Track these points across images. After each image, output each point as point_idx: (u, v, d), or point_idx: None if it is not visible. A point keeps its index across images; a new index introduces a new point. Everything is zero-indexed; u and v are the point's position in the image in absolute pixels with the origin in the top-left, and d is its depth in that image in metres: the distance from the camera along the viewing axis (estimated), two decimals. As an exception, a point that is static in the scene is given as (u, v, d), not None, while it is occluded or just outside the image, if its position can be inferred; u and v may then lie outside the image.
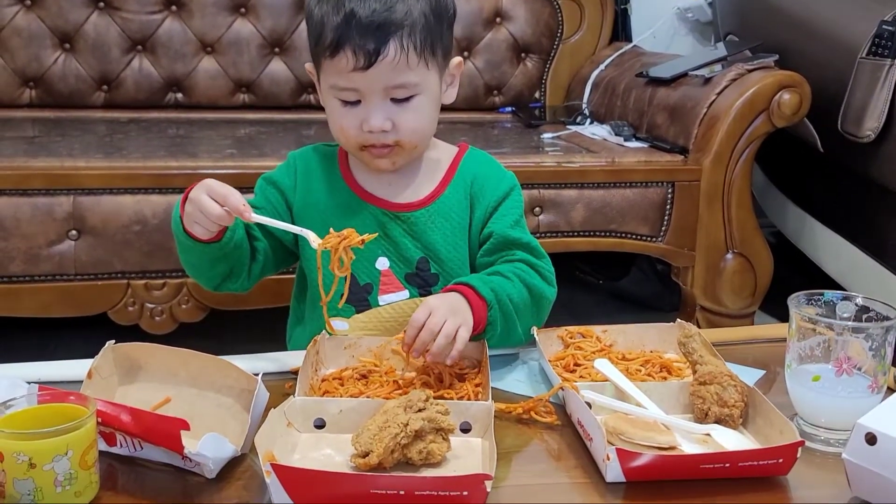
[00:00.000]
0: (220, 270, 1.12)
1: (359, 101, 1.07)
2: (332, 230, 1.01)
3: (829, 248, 2.09)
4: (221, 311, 1.83)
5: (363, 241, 1.00)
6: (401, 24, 1.04)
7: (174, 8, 2.36)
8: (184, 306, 1.79)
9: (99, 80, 2.35)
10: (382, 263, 1.13)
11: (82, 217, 1.71)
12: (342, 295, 1.06)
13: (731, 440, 0.88)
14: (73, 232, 1.71)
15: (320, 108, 2.38)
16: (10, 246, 1.69)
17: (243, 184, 1.41)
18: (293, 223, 1.16)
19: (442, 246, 1.14)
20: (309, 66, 1.16)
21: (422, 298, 1.12)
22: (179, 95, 2.41)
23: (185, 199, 1.03)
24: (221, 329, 1.84)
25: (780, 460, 0.82)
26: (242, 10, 2.39)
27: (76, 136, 2.01)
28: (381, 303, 1.13)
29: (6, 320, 1.75)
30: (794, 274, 2.16)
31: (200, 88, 2.40)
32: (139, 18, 2.33)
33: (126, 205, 1.72)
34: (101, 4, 2.32)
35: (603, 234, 1.94)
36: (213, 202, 0.99)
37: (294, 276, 1.24)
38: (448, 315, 0.99)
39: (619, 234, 1.95)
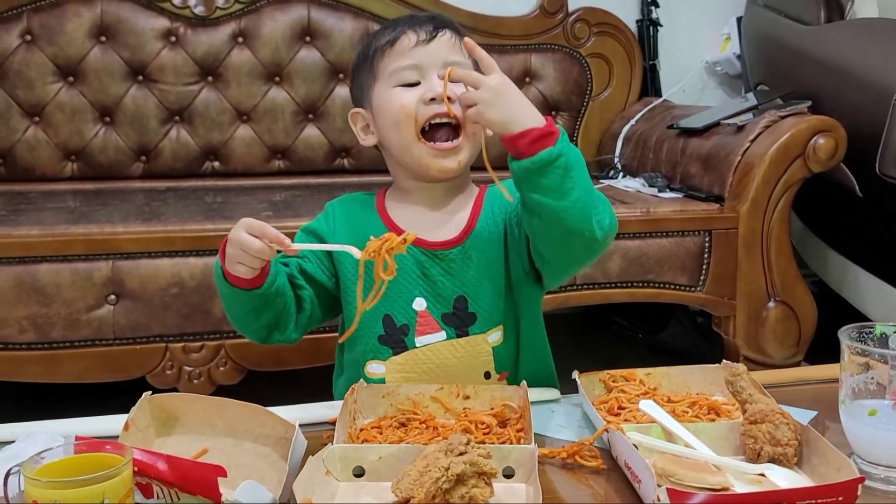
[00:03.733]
0: (266, 320, 1.11)
1: (418, 83, 1.11)
2: (371, 237, 1.00)
3: (873, 294, 2.04)
4: (259, 373, 1.82)
5: (405, 241, 0.99)
6: (449, 23, 1.16)
7: (210, 78, 2.42)
8: (221, 368, 1.79)
9: (138, 151, 2.40)
10: (420, 304, 1.13)
11: (121, 281, 1.72)
12: (376, 296, 1.03)
13: (786, 480, 0.84)
14: (112, 296, 1.72)
15: (354, 172, 2.46)
16: (52, 312, 1.70)
17: (279, 243, 1.42)
18: (334, 270, 1.16)
19: (479, 282, 1.13)
20: (354, 111, 1.19)
21: (458, 340, 1.11)
22: (216, 164, 2.45)
23: (224, 246, 1.04)
24: (259, 391, 1.82)
25: (840, 498, 0.78)
26: (277, 78, 2.45)
27: (115, 205, 2.04)
28: (417, 344, 1.12)
29: (46, 386, 1.76)
30: (839, 323, 2.10)
31: (237, 156, 2.45)
32: (176, 90, 2.39)
33: (164, 268, 1.74)
34: (140, 78, 2.38)
35: (640, 284, 1.92)
36: (253, 237, 1.00)
37: (335, 334, 1.23)
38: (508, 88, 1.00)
39: (656, 285, 1.93)
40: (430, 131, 1.10)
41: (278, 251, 1.02)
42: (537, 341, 1.19)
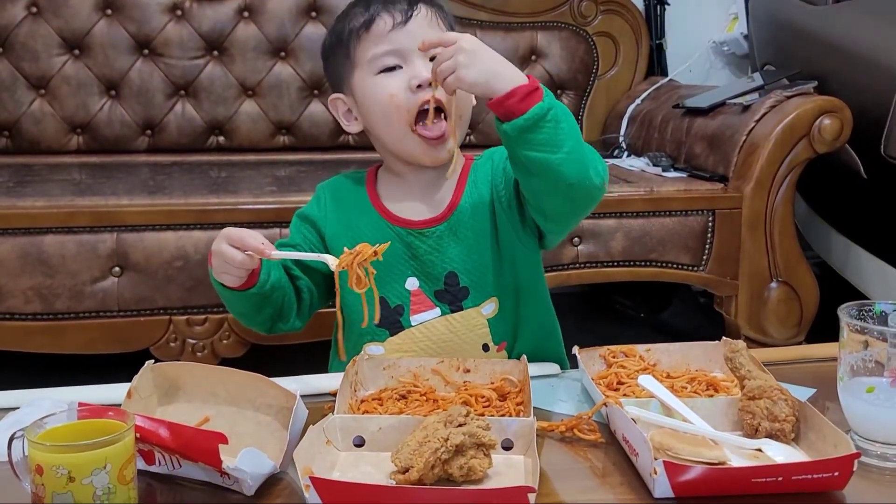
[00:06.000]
0: (268, 314, 1.13)
1: (400, 67, 1.09)
2: (345, 249, 1.01)
3: (876, 276, 2.04)
4: (262, 347, 1.83)
5: (376, 252, 0.99)
6: None
7: (216, 53, 2.41)
8: (225, 342, 1.80)
9: (143, 125, 2.40)
10: (412, 284, 1.13)
11: (125, 254, 1.73)
12: (372, 312, 1.05)
13: (783, 455, 0.85)
14: (117, 268, 1.73)
15: (358, 148, 2.45)
16: (56, 283, 1.71)
17: (283, 218, 1.44)
18: (327, 251, 1.17)
19: (468, 256, 1.14)
20: (334, 96, 1.18)
21: (452, 315, 1.12)
22: (221, 138, 2.45)
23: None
24: (262, 364, 1.82)
25: (836, 473, 0.79)
26: (282, 53, 2.44)
27: (121, 179, 2.05)
28: (413, 322, 1.13)
29: (51, 357, 1.77)
30: (841, 304, 2.10)
31: (242, 131, 2.45)
32: (182, 64, 2.39)
33: (168, 241, 1.74)
34: (146, 51, 2.38)
35: (643, 263, 1.92)
36: (234, 249, 1.01)
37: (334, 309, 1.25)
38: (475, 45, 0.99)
39: (659, 264, 1.93)
40: (421, 122, 1.10)
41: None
42: (539, 310, 1.19)
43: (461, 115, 1.11)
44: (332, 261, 1.01)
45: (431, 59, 1.08)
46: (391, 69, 1.09)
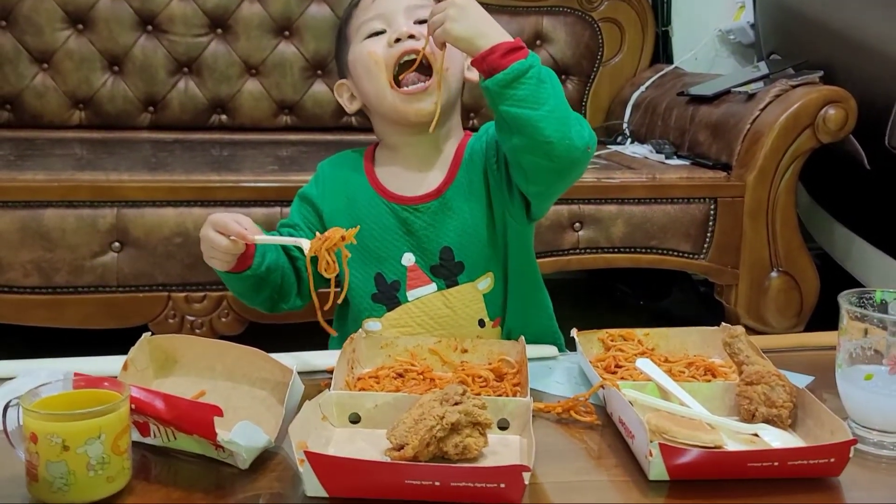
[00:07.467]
0: (267, 294, 1.14)
1: (385, 32, 1.12)
2: (317, 234, 1.02)
3: (878, 269, 2.03)
4: (261, 325, 1.83)
5: (344, 237, 1.00)
6: None
7: (219, 30, 2.40)
8: (223, 319, 1.80)
9: (145, 102, 2.39)
10: (408, 259, 1.14)
11: (125, 229, 1.72)
12: (339, 294, 1.06)
13: (780, 440, 0.85)
14: (116, 244, 1.73)
15: (361, 130, 2.44)
16: (56, 257, 1.71)
17: (284, 196, 1.43)
18: (325, 230, 1.17)
19: (462, 231, 1.14)
20: (339, 82, 1.21)
21: (448, 290, 1.12)
22: (224, 117, 2.44)
23: None
24: (261, 342, 1.82)
25: (832, 460, 0.79)
26: (286, 32, 2.43)
27: (122, 154, 2.04)
28: (409, 297, 1.14)
29: (50, 331, 1.77)
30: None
31: (244, 110, 2.44)
32: (185, 41, 2.38)
33: (168, 217, 1.74)
34: (149, 27, 2.37)
35: (644, 250, 1.92)
36: (219, 235, 1.03)
37: (336, 289, 1.25)
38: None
39: (660, 251, 1.92)
40: (403, 77, 1.10)
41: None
42: (530, 284, 1.19)
43: (447, 66, 1.11)
44: (306, 244, 1.01)
45: (416, 23, 1.10)
46: (377, 34, 1.12)
